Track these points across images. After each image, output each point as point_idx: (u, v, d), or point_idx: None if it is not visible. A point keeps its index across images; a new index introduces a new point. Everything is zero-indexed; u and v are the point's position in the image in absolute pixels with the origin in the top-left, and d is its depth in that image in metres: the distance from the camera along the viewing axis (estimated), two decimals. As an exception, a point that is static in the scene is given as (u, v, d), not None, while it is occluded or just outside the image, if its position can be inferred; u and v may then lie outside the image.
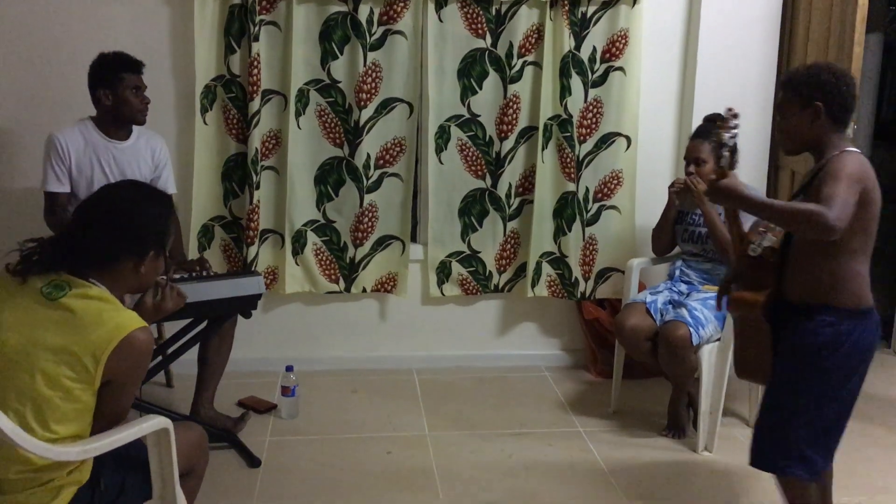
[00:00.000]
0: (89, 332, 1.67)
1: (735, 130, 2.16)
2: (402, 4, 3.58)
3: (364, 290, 3.83)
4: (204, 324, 3.10)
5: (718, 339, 3.14)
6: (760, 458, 2.22)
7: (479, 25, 3.67)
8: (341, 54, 3.61)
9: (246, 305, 2.90)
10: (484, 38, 3.67)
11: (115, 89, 3.02)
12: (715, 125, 3.30)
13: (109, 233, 1.77)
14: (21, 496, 1.72)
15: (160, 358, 3.17)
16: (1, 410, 1.59)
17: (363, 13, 3.56)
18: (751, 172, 3.68)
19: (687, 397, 3.32)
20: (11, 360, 1.68)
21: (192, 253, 3.66)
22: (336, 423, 3.34)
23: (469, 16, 3.66)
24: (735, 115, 2.18)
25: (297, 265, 3.77)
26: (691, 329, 3.06)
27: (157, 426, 1.82)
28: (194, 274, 2.96)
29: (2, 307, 1.73)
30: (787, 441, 2.15)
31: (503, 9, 3.65)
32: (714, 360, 3.12)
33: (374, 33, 3.60)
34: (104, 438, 1.73)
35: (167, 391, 3.60)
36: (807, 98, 2.14)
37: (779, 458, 2.17)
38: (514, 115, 3.77)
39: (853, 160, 2.07)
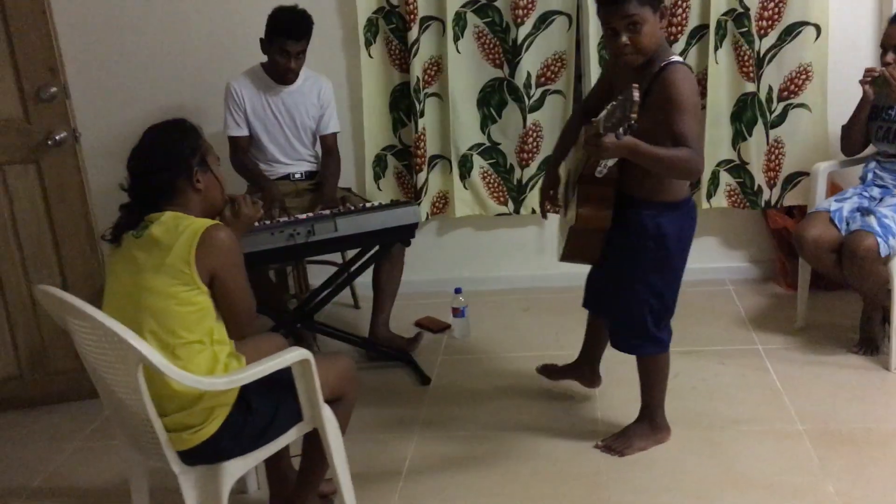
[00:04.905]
0: (173, 244, 1.91)
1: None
2: (552, -90, 3.42)
3: (533, 212, 3.84)
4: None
5: (913, 249, 2.81)
6: (619, 341, 2.57)
7: (639, -79, 3.42)
8: (494, -29, 3.54)
9: (404, 235, 3.03)
10: (645, -66, 3.42)
11: (269, 48, 3.24)
12: None
13: (152, 171, 2.00)
14: (178, 416, 1.94)
15: (345, 275, 3.38)
16: (139, 336, 1.83)
17: (513, -74, 3.45)
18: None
19: (882, 311, 3.04)
20: (132, 298, 1.94)
21: (370, 182, 3.85)
22: (505, 342, 3.44)
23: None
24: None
25: (466, 189, 3.85)
26: (879, 239, 2.77)
27: (298, 357, 1.99)
28: (341, 209, 3.09)
29: (112, 269, 2.03)
30: (638, 325, 2.46)
31: None
32: (907, 272, 2.81)
33: (527, -55, 3.48)
34: (249, 370, 1.94)
35: (354, 312, 3.88)
36: (656, 1, 2.18)
37: (633, 339, 2.51)
38: (684, 15, 3.51)
39: (687, 80, 2.18)
